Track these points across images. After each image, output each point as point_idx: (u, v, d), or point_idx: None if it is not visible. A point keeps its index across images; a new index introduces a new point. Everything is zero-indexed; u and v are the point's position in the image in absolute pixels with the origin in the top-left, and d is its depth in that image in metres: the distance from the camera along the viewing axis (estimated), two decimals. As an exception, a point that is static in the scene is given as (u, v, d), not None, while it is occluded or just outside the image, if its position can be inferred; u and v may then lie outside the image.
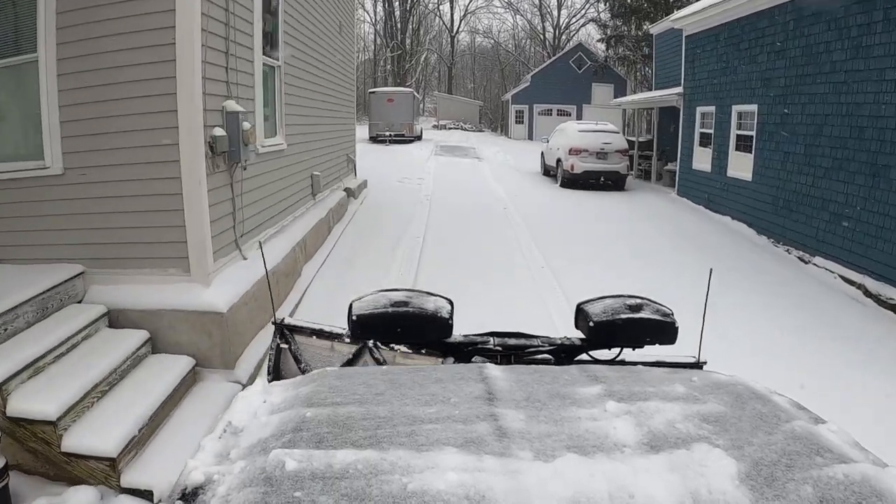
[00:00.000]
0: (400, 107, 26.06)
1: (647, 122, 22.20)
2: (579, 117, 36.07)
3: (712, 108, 11.95)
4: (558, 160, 15.07)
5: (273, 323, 2.53)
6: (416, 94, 29.45)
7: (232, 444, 1.19)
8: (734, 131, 10.92)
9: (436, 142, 29.20)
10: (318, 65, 7.67)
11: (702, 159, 12.37)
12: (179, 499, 1.07)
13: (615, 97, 38.75)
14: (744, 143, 10.56)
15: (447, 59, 53.99)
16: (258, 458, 1.10)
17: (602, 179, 14.44)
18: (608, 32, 32.22)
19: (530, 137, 35.64)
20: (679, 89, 13.51)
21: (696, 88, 12.72)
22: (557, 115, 34.77)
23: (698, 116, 12.67)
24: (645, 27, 27.52)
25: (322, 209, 7.47)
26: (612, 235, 9.07)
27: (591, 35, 46.47)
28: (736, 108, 10.81)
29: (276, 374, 2.59)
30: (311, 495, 0.98)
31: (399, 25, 46.94)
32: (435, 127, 42.99)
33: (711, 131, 12.07)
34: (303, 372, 2.67)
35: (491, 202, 11.93)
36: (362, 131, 30.93)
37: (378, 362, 2.16)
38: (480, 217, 10.13)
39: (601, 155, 14.68)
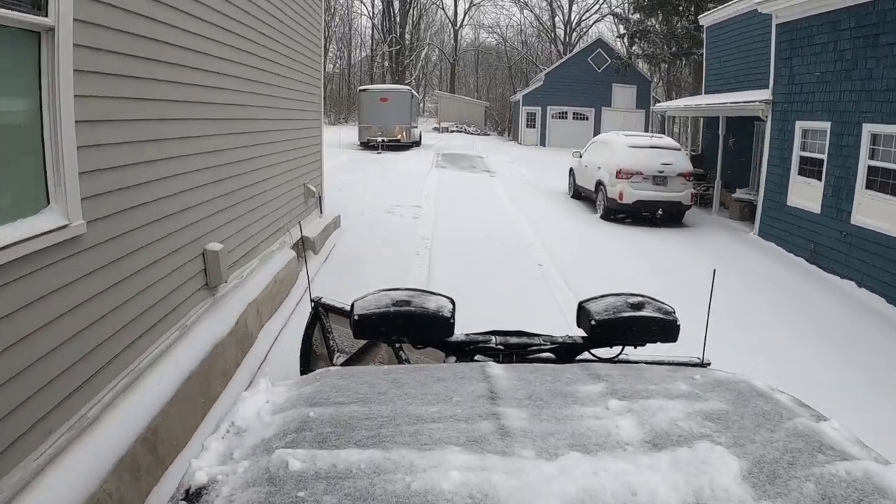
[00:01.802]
0: (395, 107, 22.50)
1: (686, 131, 18.57)
2: (598, 121, 35.29)
3: (825, 125, 9.57)
4: (599, 183, 12.92)
5: (311, 300, 3.14)
6: (414, 92, 26.13)
7: (235, 445, 1.23)
8: (864, 160, 8.51)
9: (437, 148, 25.85)
10: (223, 37, 4.72)
11: (803, 194, 10.14)
12: (183, 499, 1.09)
13: (638, 99, 35.49)
14: (883, 180, 8.22)
15: (450, 56, 50.41)
16: (262, 458, 1.14)
17: (660, 212, 12.19)
18: (631, 28, 31.82)
19: (543, 143, 34.72)
20: (764, 94, 11.20)
21: (796, 95, 10.38)
22: (574, 118, 32.31)
23: (798, 134, 10.39)
24: (674, 21, 23.89)
25: (228, 313, 4.54)
26: (712, 317, 5.29)
27: (601, 32, 45.56)
28: (869, 129, 8.44)
29: (307, 348, 3.25)
30: (314, 495, 1.01)
31: (398, 19, 43.74)
32: (436, 129, 39.75)
33: (823, 157, 9.60)
34: (329, 350, 3.15)
35: (518, 251, 9.42)
36: (352, 134, 27.10)
37: (395, 351, 2.50)
38: (507, 285, 7.44)
39: (659, 180, 12.14)
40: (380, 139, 24.03)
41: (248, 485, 1.04)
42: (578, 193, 14.61)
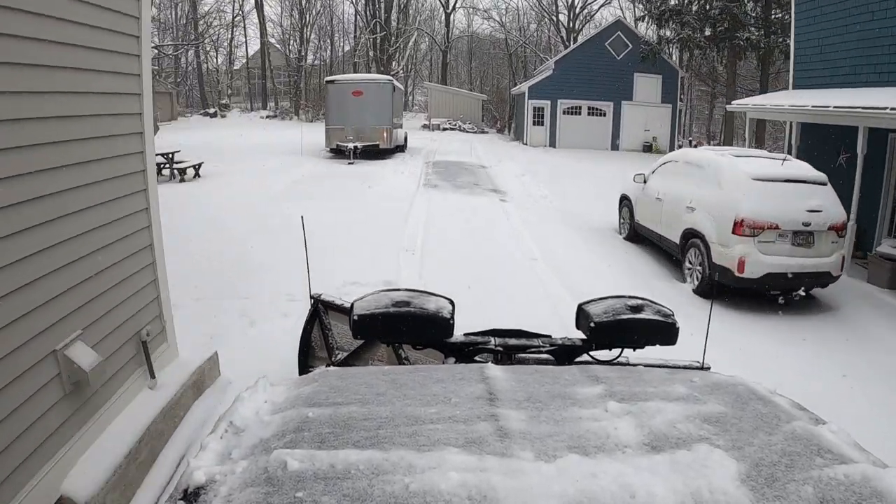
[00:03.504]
0: (372, 102, 17.69)
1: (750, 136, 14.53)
2: (617, 117, 30.87)
3: None
4: (692, 235, 8.24)
5: (311, 297, 3.29)
6: (396, 83, 21.14)
7: (234, 444, 1.27)
8: None
9: (426, 154, 21.18)
10: None
11: None
12: (181, 499, 1.12)
13: (664, 92, 31.18)
14: None
15: (441, 43, 45.76)
16: (260, 458, 1.17)
17: (801, 292, 7.54)
18: (656, 7, 28.19)
19: (553, 144, 30.78)
20: None
21: None
22: (589, 114, 28.15)
23: None
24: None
25: None
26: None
27: (605, 17, 44.39)
28: None
29: (306, 343, 3.42)
30: (313, 495, 1.04)
31: (383, 3, 38.52)
32: (425, 127, 35.29)
33: None
34: (328, 347, 3.27)
35: None
36: (317, 135, 22.19)
37: (395, 349, 2.75)
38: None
39: (802, 238, 7.39)
40: (351, 145, 19.02)
41: (247, 485, 1.09)
42: (637, 234, 10.91)
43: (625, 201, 11.35)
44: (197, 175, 15.77)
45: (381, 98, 21.25)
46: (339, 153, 20.67)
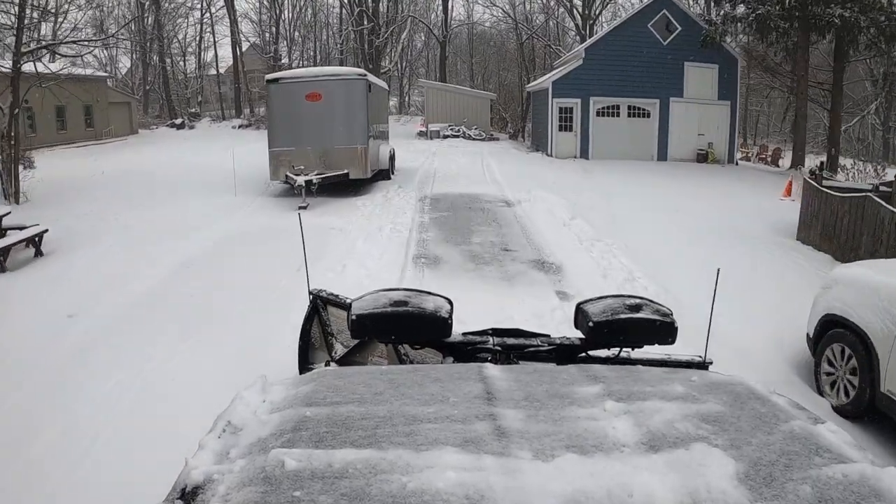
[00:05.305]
0: (338, 109, 10.54)
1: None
2: (664, 118, 24.25)
3: None
4: None
5: (309, 293, 3.19)
6: (373, 78, 14.18)
7: (232, 444, 1.29)
8: None
9: (421, 180, 15.31)
10: None
11: None
12: (179, 498, 1.13)
13: (720, 86, 24.72)
14: None
15: (439, 34, 39.24)
16: (258, 457, 1.20)
17: None
18: None
19: (584, 155, 24.23)
20: None
21: None
22: (629, 115, 25.07)
23: None
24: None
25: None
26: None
27: (621, 7, 41.00)
28: None
29: (305, 342, 3.34)
30: (310, 495, 1.06)
31: (370, -10, 34.10)
32: (421, 135, 28.15)
33: None
34: (328, 343, 3.22)
35: None
36: (257, 156, 15.45)
37: (395, 347, 2.73)
38: None
39: None
40: (301, 180, 12.40)
41: (244, 484, 1.10)
42: (874, 408, 4.80)
43: (840, 333, 5.19)
44: (38, 253, 9.82)
45: (352, 102, 14.47)
46: (290, 186, 13.60)
